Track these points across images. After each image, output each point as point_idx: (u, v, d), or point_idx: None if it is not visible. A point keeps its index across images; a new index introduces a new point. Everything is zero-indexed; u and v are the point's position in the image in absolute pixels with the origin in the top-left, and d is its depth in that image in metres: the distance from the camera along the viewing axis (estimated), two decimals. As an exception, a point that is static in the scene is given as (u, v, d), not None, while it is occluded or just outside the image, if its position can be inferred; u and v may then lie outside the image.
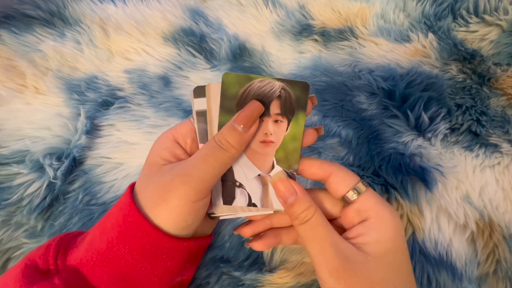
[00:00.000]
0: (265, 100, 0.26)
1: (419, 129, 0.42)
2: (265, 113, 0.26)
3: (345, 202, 0.26)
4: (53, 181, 0.37)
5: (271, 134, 0.26)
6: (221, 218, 0.28)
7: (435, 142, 0.41)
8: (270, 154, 0.27)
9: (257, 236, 0.29)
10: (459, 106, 0.43)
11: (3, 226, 0.36)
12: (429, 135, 0.41)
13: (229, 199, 0.27)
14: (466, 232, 0.37)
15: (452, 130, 0.42)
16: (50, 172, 0.37)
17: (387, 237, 0.25)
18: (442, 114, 0.42)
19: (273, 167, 0.27)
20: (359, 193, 0.26)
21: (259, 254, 0.36)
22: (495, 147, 0.41)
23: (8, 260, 0.35)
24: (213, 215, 0.28)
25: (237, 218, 0.37)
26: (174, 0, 0.52)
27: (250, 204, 0.27)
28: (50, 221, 0.37)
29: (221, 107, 0.26)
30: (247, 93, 0.26)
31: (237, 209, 0.27)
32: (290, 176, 0.27)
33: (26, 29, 0.48)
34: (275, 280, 0.35)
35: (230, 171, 0.27)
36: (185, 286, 0.30)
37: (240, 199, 0.27)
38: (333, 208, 0.28)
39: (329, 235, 0.25)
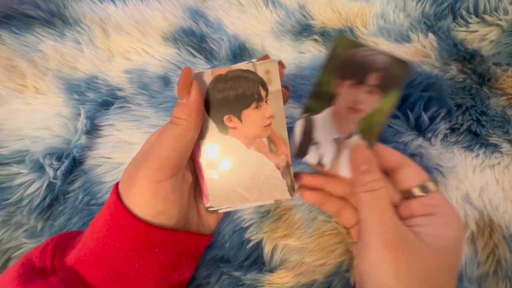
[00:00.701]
0: (365, 69, 0.26)
1: (419, 129, 0.42)
2: (361, 82, 0.26)
3: (409, 195, 0.26)
4: (53, 181, 0.37)
5: (360, 103, 0.26)
6: (219, 211, 0.28)
7: (435, 142, 0.41)
8: (353, 121, 0.27)
9: (307, 187, 0.29)
10: (459, 106, 0.43)
11: (3, 226, 0.36)
12: (429, 135, 0.41)
13: (301, 154, 0.28)
14: (466, 232, 0.37)
15: (452, 130, 0.42)
16: (50, 172, 0.37)
17: (451, 235, 0.24)
18: (442, 114, 0.42)
19: (351, 135, 0.27)
20: (427, 191, 0.26)
21: (259, 254, 0.36)
22: (495, 147, 0.41)
23: (8, 260, 0.35)
24: (210, 209, 0.28)
25: (237, 218, 0.37)
26: (174, 0, 0.52)
27: (319, 164, 0.28)
28: (50, 221, 0.37)
29: (325, 66, 0.26)
30: (350, 58, 0.26)
31: (234, 201, 0.27)
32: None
33: (26, 29, 0.48)
34: (275, 280, 0.35)
35: (311, 127, 0.27)
36: (184, 286, 0.30)
37: (311, 156, 0.28)
38: (392, 194, 0.28)
39: (391, 210, 0.25)
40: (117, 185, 0.26)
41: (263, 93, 0.26)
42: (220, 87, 0.26)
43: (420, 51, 0.48)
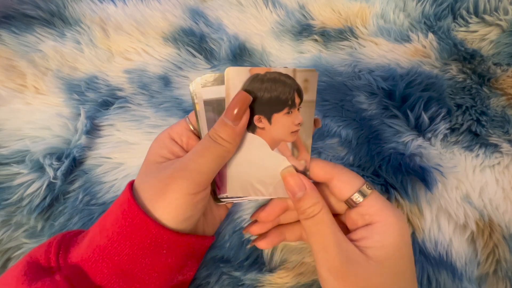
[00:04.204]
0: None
1: (419, 129, 0.42)
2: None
3: (350, 204, 0.26)
4: (53, 181, 0.37)
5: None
6: (233, 200, 0.29)
7: (435, 142, 0.41)
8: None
9: (261, 235, 0.29)
10: (459, 106, 0.43)
11: (3, 226, 0.36)
12: (429, 135, 0.41)
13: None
14: (466, 232, 0.37)
15: (452, 130, 0.42)
16: (50, 172, 0.37)
17: (391, 243, 0.24)
18: (442, 114, 0.42)
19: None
20: (364, 196, 0.25)
21: (259, 254, 0.36)
22: (495, 147, 0.41)
23: (8, 260, 0.35)
24: (223, 199, 0.28)
25: (237, 218, 0.37)
26: (174, 0, 0.52)
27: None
28: (50, 221, 0.37)
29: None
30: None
31: (249, 193, 0.28)
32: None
33: (26, 29, 0.48)
34: (275, 280, 0.35)
35: None
36: (186, 286, 0.30)
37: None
38: (337, 203, 0.28)
39: (333, 233, 0.25)
40: (131, 184, 0.27)
41: (297, 100, 0.26)
42: (256, 86, 0.26)
43: (420, 51, 0.48)
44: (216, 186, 0.29)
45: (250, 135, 0.27)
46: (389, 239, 0.24)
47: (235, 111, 0.25)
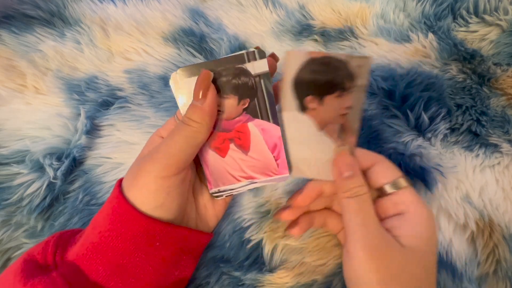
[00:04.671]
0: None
1: (419, 129, 0.42)
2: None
3: (382, 193, 0.27)
4: (53, 181, 0.37)
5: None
6: (225, 194, 0.29)
7: (435, 142, 0.41)
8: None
9: (292, 222, 0.30)
10: (459, 106, 0.43)
11: (3, 226, 0.36)
12: (429, 135, 0.41)
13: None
14: (466, 232, 0.37)
15: (452, 130, 0.42)
16: (50, 172, 0.37)
17: (423, 234, 0.25)
18: (442, 114, 0.42)
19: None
20: (398, 188, 0.26)
21: (259, 254, 0.36)
22: (495, 147, 0.41)
23: (8, 260, 0.35)
24: (215, 194, 0.28)
25: (237, 218, 0.37)
26: (174, 0, 0.52)
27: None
28: (50, 221, 0.37)
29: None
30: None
31: (292, 171, 0.29)
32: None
33: (26, 29, 0.48)
34: (275, 280, 0.35)
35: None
36: (184, 284, 0.30)
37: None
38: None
39: (375, 216, 0.25)
40: (120, 181, 0.27)
41: (349, 84, 0.27)
42: (312, 68, 0.27)
43: (420, 51, 0.48)
44: (207, 180, 0.29)
45: (299, 115, 0.28)
46: (421, 230, 0.25)
47: (198, 88, 0.25)
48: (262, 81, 0.27)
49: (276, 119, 0.28)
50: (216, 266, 0.35)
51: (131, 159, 0.40)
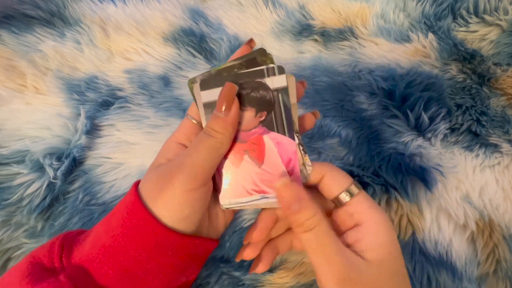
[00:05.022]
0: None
1: (419, 129, 0.42)
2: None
3: (338, 203, 0.26)
4: (53, 181, 0.37)
5: None
6: (236, 208, 0.29)
7: (435, 142, 0.41)
8: None
9: (256, 258, 0.29)
10: (459, 106, 0.43)
11: (3, 226, 0.36)
12: (429, 135, 0.41)
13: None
14: (466, 232, 0.37)
15: (452, 130, 0.42)
16: (50, 172, 0.37)
17: (383, 242, 0.24)
18: (442, 114, 0.42)
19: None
20: (352, 195, 0.25)
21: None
22: (495, 147, 0.41)
23: (8, 260, 0.35)
24: (226, 206, 0.28)
25: (237, 218, 0.37)
26: (174, 0, 0.52)
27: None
28: (50, 221, 0.37)
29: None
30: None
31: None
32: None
33: (26, 29, 0.48)
34: (275, 280, 0.35)
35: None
36: (188, 287, 0.30)
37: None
38: (327, 203, 0.28)
39: (334, 243, 0.24)
40: (136, 184, 0.26)
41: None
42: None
43: (420, 51, 0.48)
44: (218, 191, 0.28)
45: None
46: (381, 238, 0.24)
47: (222, 102, 0.25)
48: (280, 95, 0.27)
49: (292, 134, 0.27)
50: (216, 266, 0.35)
51: (131, 159, 0.40)
